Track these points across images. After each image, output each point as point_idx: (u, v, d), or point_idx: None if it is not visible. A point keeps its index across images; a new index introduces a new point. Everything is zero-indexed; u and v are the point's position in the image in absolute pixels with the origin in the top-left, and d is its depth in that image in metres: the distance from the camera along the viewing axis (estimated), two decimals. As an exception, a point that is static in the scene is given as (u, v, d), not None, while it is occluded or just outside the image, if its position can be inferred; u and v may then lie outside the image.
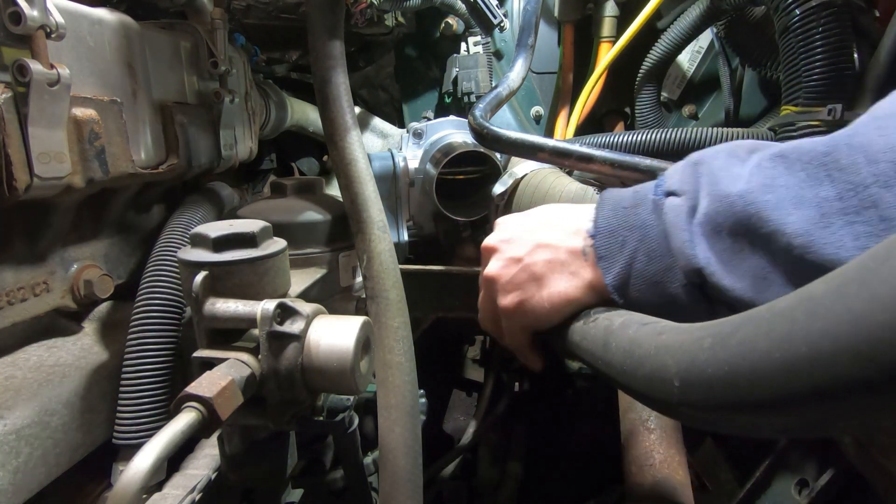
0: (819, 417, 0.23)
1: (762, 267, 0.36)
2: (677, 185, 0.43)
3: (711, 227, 0.39)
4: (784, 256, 0.34)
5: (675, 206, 0.42)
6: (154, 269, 0.66)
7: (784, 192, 0.34)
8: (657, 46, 1.14)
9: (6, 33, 0.51)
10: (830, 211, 0.32)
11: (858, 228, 0.30)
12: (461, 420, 1.75)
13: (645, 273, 0.44)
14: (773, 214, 0.34)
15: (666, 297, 0.43)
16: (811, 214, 0.32)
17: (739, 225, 0.37)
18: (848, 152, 0.32)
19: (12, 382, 0.58)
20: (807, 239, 0.32)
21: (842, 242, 0.31)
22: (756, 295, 0.36)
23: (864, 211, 0.30)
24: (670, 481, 0.66)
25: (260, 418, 0.48)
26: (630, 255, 0.45)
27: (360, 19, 0.88)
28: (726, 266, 0.38)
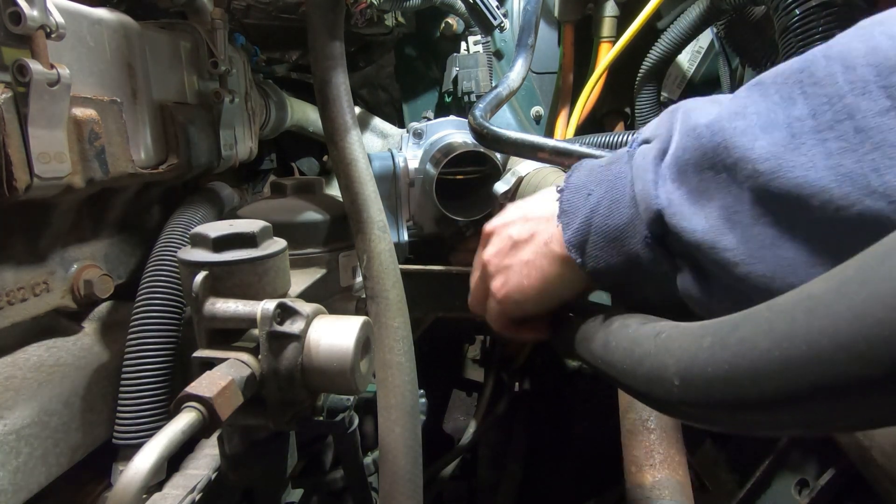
0: (819, 416, 0.23)
1: (728, 205, 0.32)
2: (651, 131, 0.40)
3: (679, 167, 0.36)
4: (750, 186, 0.31)
5: (645, 150, 0.39)
6: (154, 269, 0.66)
7: (754, 118, 0.31)
8: (657, 46, 1.14)
9: (6, 33, 0.51)
10: (802, 130, 0.29)
11: (831, 145, 0.28)
12: (461, 420, 1.75)
13: (605, 227, 0.40)
14: (740, 141, 0.31)
15: (626, 254, 0.40)
16: (781, 137, 0.29)
17: (705, 158, 0.33)
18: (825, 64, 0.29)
19: (12, 382, 0.58)
20: (774, 163, 0.29)
21: (812, 163, 0.28)
22: (719, 236, 0.33)
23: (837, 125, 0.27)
24: (670, 481, 0.66)
25: (260, 418, 0.48)
26: (593, 207, 0.41)
27: (360, 19, 0.88)
28: (690, 206, 0.34)
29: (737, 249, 0.32)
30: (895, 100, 0.26)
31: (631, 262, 0.40)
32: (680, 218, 0.35)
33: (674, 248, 0.37)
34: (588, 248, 0.42)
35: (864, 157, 0.26)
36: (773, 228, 0.30)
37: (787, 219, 0.30)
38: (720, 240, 0.33)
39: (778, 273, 0.30)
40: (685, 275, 0.37)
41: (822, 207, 0.28)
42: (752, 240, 0.31)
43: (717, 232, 0.33)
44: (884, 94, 0.26)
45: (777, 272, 0.30)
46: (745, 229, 0.31)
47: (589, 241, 0.42)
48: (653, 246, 0.38)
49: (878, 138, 0.26)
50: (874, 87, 0.26)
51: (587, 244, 0.42)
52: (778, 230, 0.30)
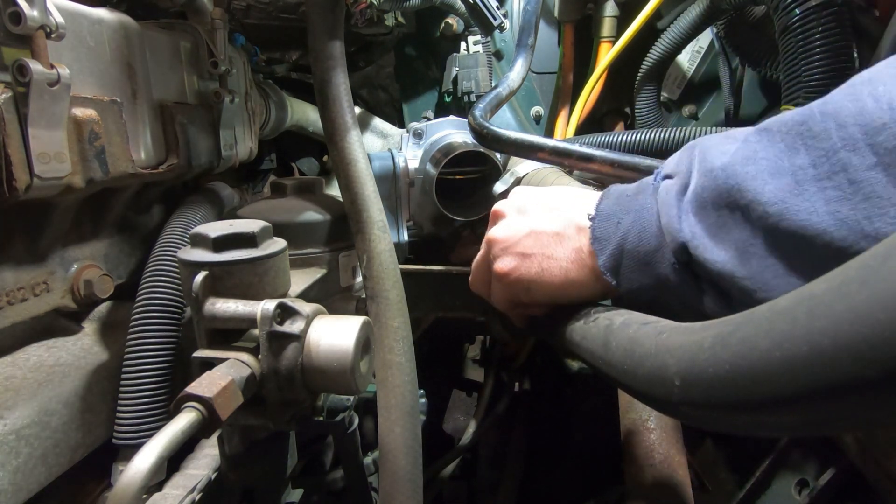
0: (820, 417, 0.23)
1: (743, 239, 0.36)
2: (673, 167, 0.44)
3: (699, 204, 0.39)
4: (762, 226, 0.35)
5: (668, 186, 0.43)
6: (154, 269, 0.66)
7: (764, 163, 0.35)
8: (657, 46, 1.14)
9: (6, 33, 0.51)
10: (804, 178, 0.32)
11: (830, 193, 0.31)
12: (461, 420, 1.76)
13: (636, 253, 0.45)
14: (751, 185, 0.35)
15: (656, 277, 0.44)
16: (786, 183, 0.33)
17: (721, 198, 0.37)
18: (821, 119, 0.33)
19: (12, 382, 0.58)
20: (781, 207, 0.33)
21: (814, 208, 0.32)
22: (737, 267, 0.36)
23: (834, 176, 0.31)
24: (670, 481, 0.66)
25: (260, 418, 0.48)
26: (623, 235, 0.46)
27: (360, 19, 0.88)
28: (710, 240, 0.38)
29: (753, 279, 0.36)
30: (880, 156, 0.29)
31: (661, 284, 0.44)
32: (703, 250, 0.39)
33: (699, 273, 0.41)
34: (622, 270, 0.46)
35: (857, 205, 0.30)
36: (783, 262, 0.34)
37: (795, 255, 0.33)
38: (738, 270, 0.36)
39: None
40: (710, 297, 0.41)
41: (824, 247, 0.31)
42: (767, 270, 0.35)
43: (735, 263, 0.37)
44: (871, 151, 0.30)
45: None
46: (760, 261, 0.35)
47: (622, 265, 0.46)
48: (679, 271, 0.42)
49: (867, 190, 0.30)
50: (863, 144, 0.30)
51: (621, 267, 0.46)
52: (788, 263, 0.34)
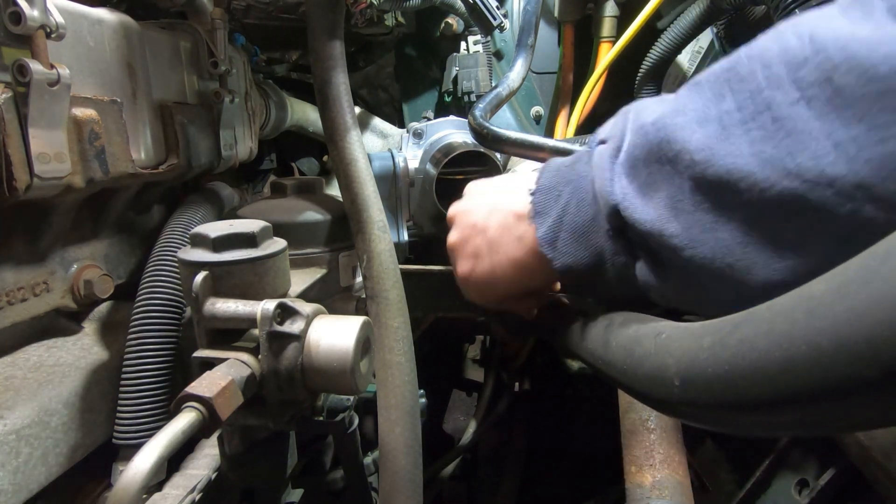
0: (819, 417, 0.23)
1: (672, 194, 0.36)
2: (607, 132, 0.44)
3: (630, 163, 0.39)
4: (690, 176, 0.34)
5: (602, 150, 0.43)
6: (154, 269, 0.66)
7: (692, 113, 0.34)
8: (657, 46, 1.14)
9: (6, 33, 0.51)
10: (731, 122, 0.32)
11: (754, 134, 0.31)
12: (461, 420, 1.75)
13: (574, 224, 0.44)
14: (680, 135, 0.35)
15: (592, 248, 0.43)
16: (713, 129, 0.33)
17: (652, 153, 0.37)
18: (747, 63, 0.32)
19: (12, 382, 0.58)
20: (708, 153, 0.33)
21: (739, 151, 0.31)
22: (666, 224, 0.36)
23: (758, 116, 0.31)
24: (670, 481, 0.66)
25: (260, 418, 0.48)
26: (563, 207, 0.45)
27: (360, 19, 0.88)
28: (640, 198, 0.38)
29: (681, 235, 0.35)
30: (803, 90, 0.29)
31: (597, 256, 0.43)
32: (633, 210, 0.38)
33: (632, 239, 0.40)
34: (559, 244, 0.46)
35: (780, 143, 0.30)
36: (710, 214, 0.34)
37: (721, 204, 0.33)
38: (666, 227, 0.36)
39: (717, 254, 0.33)
40: (642, 264, 0.40)
41: (748, 190, 0.31)
42: (694, 226, 0.34)
43: (663, 220, 0.36)
44: (794, 86, 0.29)
45: (716, 254, 0.34)
46: (688, 216, 0.35)
47: (559, 239, 0.46)
48: (614, 238, 0.41)
49: (790, 126, 0.29)
50: (786, 80, 0.30)
51: (558, 241, 0.46)
52: (714, 215, 0.33)
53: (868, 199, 0.26)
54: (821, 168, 0.28)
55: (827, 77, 0.28)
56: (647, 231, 0.37)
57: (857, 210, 0.27)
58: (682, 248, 0.35)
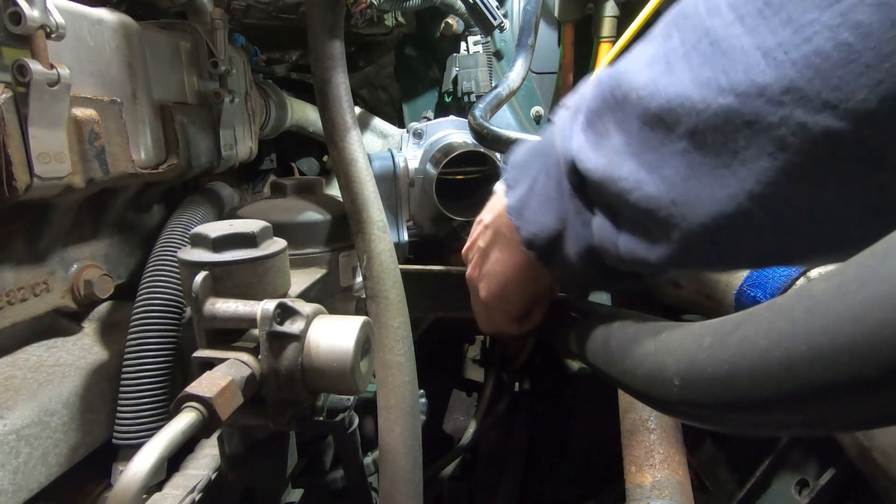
0: (819, 416, 0.23)
1: (621, 141, 0.36)
2: (570, 99, 0.44)
3: (587, 120, 0.39)
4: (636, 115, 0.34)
5: (563, 114, 0.43)
6: (154, 269, 0.66)
7: (642, 59, 0.35)
8: (657, 46, 1.14)
9: (6, 33, 0.51)
10: (675, 57, 0.32)
11: (694, 61, 0.31)
12: (461, 420, 1.75)
13: (543, 191, 0.44)
14: (628, 77, 0.35)
15: (557, 212, 0.43)
16: (660, 67, 0.33)
17: (605, 102, 0.37)
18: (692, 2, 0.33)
19: (12, 382, 0.59)
20: (652, 87, 0.33)
21: (680, 80, 0.32)
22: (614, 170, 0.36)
23: (698, 44, 0.31)
24: (670, 481, 0.66)
25: (260, 418, 0.48)
26: (533, 177, 0.45)
27: (360, 19, 0.88)
28: (592, 149, 0.38)
29: (630, 177, 0.35)
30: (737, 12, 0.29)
31: (561, 221, 0.43)
32: (586, 161, 0.38)
33: (591, 196, 0.40)
34: (526, 212, 0.45)
35: (715, 63, 0.30)
36: (655, 152, 0.34)
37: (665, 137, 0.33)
38: (615, 171, 0.36)
39: (662, 192, 0.34)
40: (598, 218, 0.40)
41: (687, 115, 0.31)
42: (642, 166, 0.35)
43: (613, 166, 0.36)
44: (731, 10, 0.30)
45: (661, 191, 0.34)
46: (635, 158, 0.35)
47: (528, 207, 0.45)
48: (574, 196, 0.41)
49: (725, 46, 0.30)
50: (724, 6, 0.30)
51: (526, 209, 0.45)
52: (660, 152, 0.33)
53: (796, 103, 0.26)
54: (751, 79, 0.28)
55: None
56: (599, 179, 0.38)
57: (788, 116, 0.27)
58: (630, 191, 0.35)
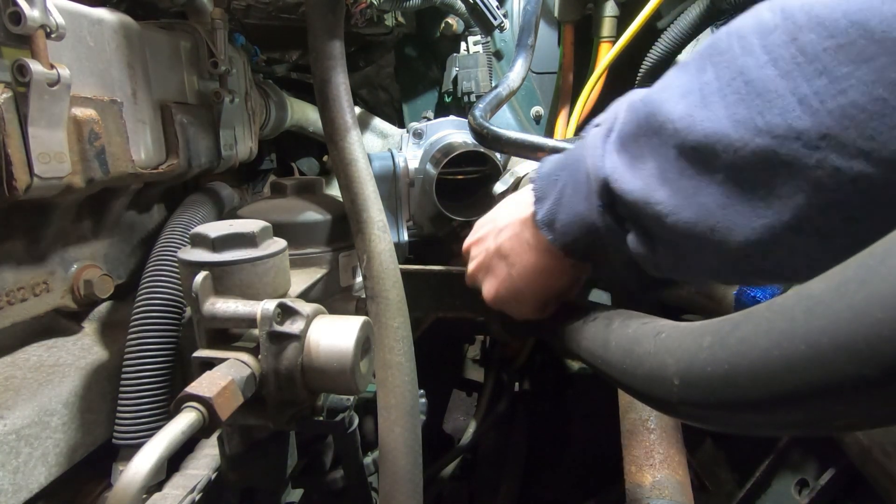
0: (819, 416, 0.23)
1: (658, 166, 0.37)
2: (602, 117, 0.47)
3: (621, 141, 0.41)
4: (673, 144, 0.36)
5: (595, 132, 0.45)
6: (154, 269, 0.66)
7: (677, 88, 0.37)
8: (657, 46, 1.14)
9: (6, 33, 0.51)
10: (710, 91, 0.34)
11: (729, 98, 0.33)
12: (461, 420, 1.76)
13: (570, 204, 0.46)
14: (664, 107, 0.37)
15: (587, 226, 0.45)
16: (694, 99, 0.35)
17: (640, 127, 0.39)
18: (726, 38, 0.35)
19: (12, 382, 0.59)
20: (689, 120, 0.35)
21: (716, 115, 0.33)
22: (650, 193, 0.38)
23: (733, 81, 0.33)
24: (670, 481, 0.66)
25: (260, 418, 0.48)
26: (560, 189, 0.47)
27: (359, 19, 0.88)
28: (629, 171, 0.40)
29: (666, 202, 0.37)
30: (771, 53, 0.31)
31: (591, 233, 0.45)
32: (621, 182, 0.40)
33: (621, 212, 0.42)
34: (557, 224, 0.48)
35: (751, 103, 0.32)
36: (693, 180, 0.35)
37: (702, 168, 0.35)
38: (652, 195, 0.38)
39: (700, 218, 0.35)
40: (632, 235, 0.42)
41: (725, 151, 0.33)
42: (679, 192, 0.36)
43: (650, 189, 0.38)
44: (763, 51, 0.32)
45: (699, 217, 0.35)
46: (672, 184, 0.36)
47: (557, 220, 0.47)
48: (604, 213, 0.43)
49: (760, 87, 0.31)
50: (757, 47, 0.32)
51: (556, 222, 0.48)
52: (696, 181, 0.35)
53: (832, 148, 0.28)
54: (788, 123, 0.30)
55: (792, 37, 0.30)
56: (634, 201, 0.39)
57: (824, 159, 0.28)
58: (667, 215, 0.37)
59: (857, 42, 0.27)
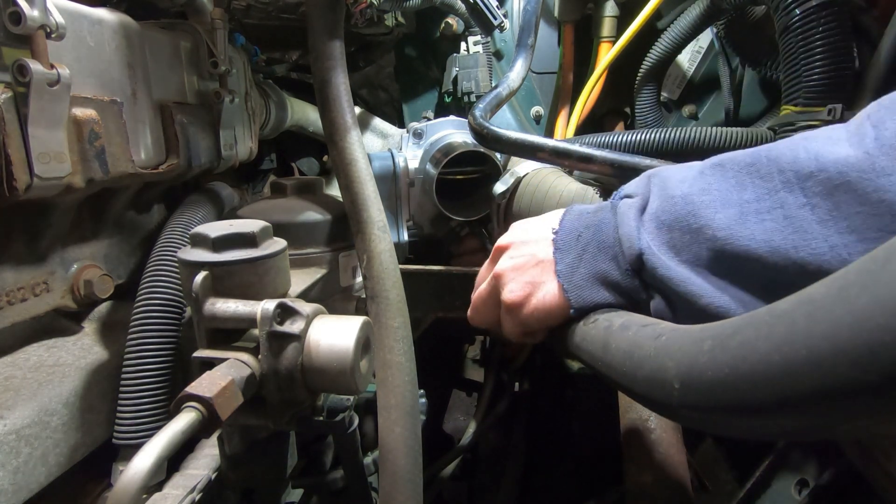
0: (819, 421, 0.23)
1: (695, 257, 0.42)
2: (632, 190, 0.50)
3: (657, 223, 0.45)
4: (711, 247, 0.41)
5: (628, 203, 0.49)
6: (154, 269, 0.66)
7: (716, 194, 0.41)
8: (657, 46, 1.14)
9: (6, 33, 0.51)
10: (748, 211, 0.39)
11: (767, 225, 0.38)
12: (461, 420, 1.76)
13: (594, 262, 0.49)
14: (705, 212, 0.41)
15: (608, 283, 0.49)
16: (734, 213, 0.40)
17: (678, 221, 0.43)
18: (766, 163, 0.39)
19: (12, 382, 0.59)
20: (728, 233, 0.39)
21: (753, 236, 0.38)
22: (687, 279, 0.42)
23: (773, 210, 0.38)
24: (670, 481, 0.66)
25: (260, 418, 0.48)
26: (583, 246, 0.51)
27: (360, 19, 0.88)
28: (665, 253, 0.44)
29: (701, 286, 0.41)
30: (809, 198, 0.36)
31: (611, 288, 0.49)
32: (656, 261, 0.44)
33: (648, 281, 0.46)
34: (575, 278, 0.51)
35: (787, 237, 0.36)
36: (727, 278, 0.41)
37: (736, 273, 0.40)
38: (688, 281, 0.42)
39: (732, 307, 0.40)
40: (657, 301, 0.46)
41: (761, 269, 0.38)
42: (713, 285, 0.41)
43: (685, 277, 0.42)
44: (801, 193, 0.36)
45: (732, 306, 0.40)
46: (707, 276, 0.41)
47: (577, 274, 0.50)
48: (632, 276, 0.47)
49: (797, 225, 0.36)
50: (796, 187, 0.37)
51: (574, 275, 0.51)
52: (730, 279, 0.40)
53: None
54: (818, 263, 0.35)
55: (829, 192, 0.35)
56: (669, 277, 0.43)
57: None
58: (701, 296, 0.41)
59: (885, 216, 0.32)
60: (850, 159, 0.34)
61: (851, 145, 0.35)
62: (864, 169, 0.33)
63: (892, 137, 0.33)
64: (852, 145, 0.34)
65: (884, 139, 0.33)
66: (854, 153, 0.34)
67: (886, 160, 0.32)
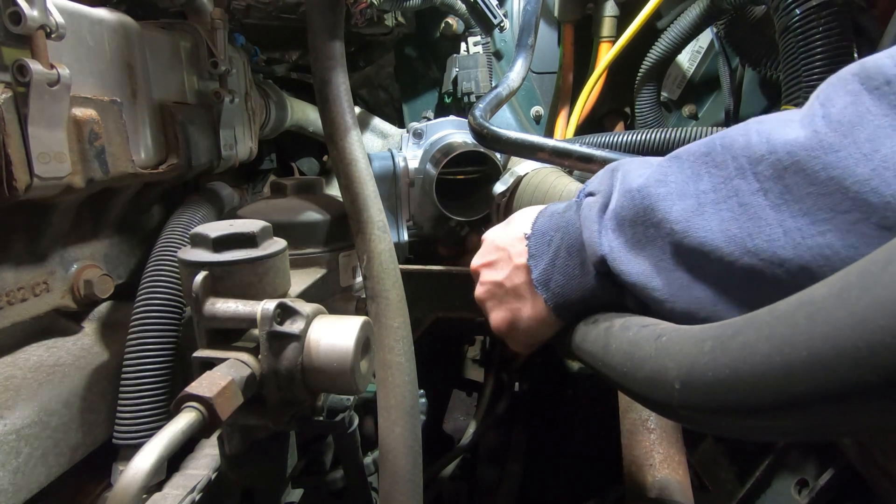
0: (819, 422, 0.23)
1: (655, 254, 0.41)
2: (595, 186, 0.49)
3: (618, 221, 0.44)
4: (670, 241, 0.39)
5: (590, 203, 0.47)
6: (154, 269, 0.66)
7: (673, 186, 0.40)
8: (657, 46, 1.14)
9: (6, 33, 0.51)
10: (705, 201, 0.38)
11: (724, 214, 0.36)
12: (461, 420, 1.76)
13: (565, 267, 0.49)
14: (662, 205, 0.40)
15: (583, 288, 0.48)
16: (691, 204, 0.38)
17: (638, 216, 0.42)
18: (720, 151, 0.38)
19: (12, 382, 0.58)
20: (685, 225, 0.38)
21: (710, 227, 0.37)
22: (649, 279, 0.41)
23: (728, 199, 0.36)
24: (670, 481, 0.66)
25: (260, 418, 0.48)
26: (555, 251, 0.50)
27: (360, 19, 0.88)
28: (626, 254, 0.43)
29: (662, 290, 0.40)
30: (761, 182, 0.35)
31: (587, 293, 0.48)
32: (619, 263, 0.43)
33: (618, 282, 0.45)
34: (552, 285, 0.50)
35: (743, 225, 0.35)
36: (687, 274, 0.39)
37: (696, 267, 0.38)
38: (649, 282, 0.41)
39: (693, 309, 0.39)
40: (631, 301, 0.45)
41: (717, 261, 0.36)
42: (673, 283, 0.40)
43: (647, 276, 0.41)
44: (754, 178, 0.35)
45: (693, 308, 0.39)
46: (668, 274, 0.40)
47: (552, 280, 0.50)
48: (603, 280, 0.46)
49: (751, 212, 0.35)
50: (749, 172, 0.35)
51: (551, 282, 0.50)
52: (691, 276, 0.39)
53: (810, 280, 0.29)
54: (773, 250, 0.34)
55: (779, 175, 0.34)
56: (633, 282, 0.42)
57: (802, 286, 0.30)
58: (664, 301, 0.40)
59: (835, 195, 0.31)
60: (800, 139, 0.33)
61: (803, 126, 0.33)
62: (811, 147, 0.32)
63: (839, 114, 0.32)
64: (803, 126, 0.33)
65: (831, 116, 0.32)
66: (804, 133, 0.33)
67: (834, 136, 0.31)
